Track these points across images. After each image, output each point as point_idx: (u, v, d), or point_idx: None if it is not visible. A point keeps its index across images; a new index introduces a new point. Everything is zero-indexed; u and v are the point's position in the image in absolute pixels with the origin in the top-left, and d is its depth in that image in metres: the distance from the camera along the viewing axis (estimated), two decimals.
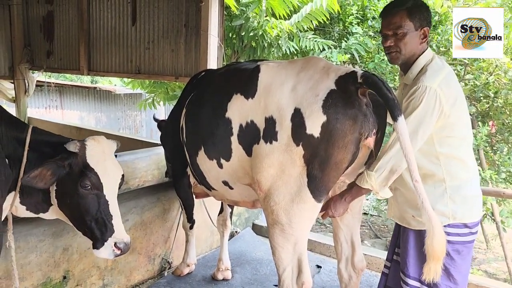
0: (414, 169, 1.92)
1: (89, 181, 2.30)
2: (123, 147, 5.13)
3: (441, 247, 1.93)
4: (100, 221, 2.35)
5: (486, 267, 7.05)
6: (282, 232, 2.26)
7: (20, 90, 7.17)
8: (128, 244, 2.41)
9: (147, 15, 5.25)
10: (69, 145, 2.31)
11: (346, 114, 2.07)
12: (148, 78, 5.86)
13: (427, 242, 1.94)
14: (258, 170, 2.26)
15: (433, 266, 1.95)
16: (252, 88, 2.32)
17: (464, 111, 2.25)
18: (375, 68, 7.16)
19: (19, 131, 2.38)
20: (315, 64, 2.25)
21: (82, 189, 2.30)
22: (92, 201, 2.34)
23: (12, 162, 2.33)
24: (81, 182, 2.30)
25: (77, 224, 2.44)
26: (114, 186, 2.43)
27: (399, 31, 2.18)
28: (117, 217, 2.40)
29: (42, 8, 6.66)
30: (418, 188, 1.92)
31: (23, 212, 2.51)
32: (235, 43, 6.97)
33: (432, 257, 1.94)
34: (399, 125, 1.92)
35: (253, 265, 3.96)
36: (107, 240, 2.35)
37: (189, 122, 2.85)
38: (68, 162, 2.30)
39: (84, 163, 2.33)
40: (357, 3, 8.05)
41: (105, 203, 2.37)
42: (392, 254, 2.55)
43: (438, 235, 1.91)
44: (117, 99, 13.45)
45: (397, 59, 2.26)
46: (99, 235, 2.36)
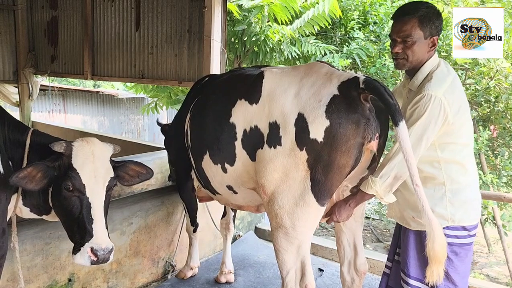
0: (415, 174, 1.95)
1: (70, 182, 2.22)
2: (127, 151, 5.19)
3: (442, 250, 1.96)
4: (81, 224, 2.22)
5: (488, 271, 7.05)
6: (285, 235, 2.29)
7: (24, 94, 7.22)
8: (108, 251, 2.21)
9: (151, 20, 5.31)
10: (54, 145, 2.25)
11: (349, 119, 2.11)
12: (151, 83, 5.90)
13: (428, 245, 1.97)
14: (262, 175, 2.29)
15: (435, 269, 1.97)
16: (256, 94, 2.36)
17: (467, 117, 2.27)
18: (376, 73, 7.18)
19: (20, 133, 2.41)
20: (318, 70, 2.29)
21: (65, 190, 2.23)
22: (74, 203, 2.24)
23: (15, 164, 2.36)
24: (63, 183, 2.23)
25: (64, 227, 2.37)
26: (100, 189, 2.30)
27: (408, 39, 2.18)
28: (99, 222, 2.24)
29: (46, 13, 6.72)
30: (419, 192, 1.95)
31: (27, 213, 2.53)
32: (237, 47, 7.02)
33: (433, 260, 1.96)
34: (400, 130, 1.95)
35: (256, 268, 3.99)
36: (83, 245, 2.19)
37: (194, 127, 2.89)
38: (57, 163, 2.26)
39: (69, 163, 2.25)
40: (359, 8, 8.09)
41: (87, 206, 2.24)
42: (393, 255, 2.58)
43: (438, 238, 1.94)
44: (120, 103, 13.51)
45: (403, 65, 2.28)
46: (78, 239, 2.23)
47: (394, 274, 2.55)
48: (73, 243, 2.27)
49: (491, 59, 5.80)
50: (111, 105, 13.38)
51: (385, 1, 8.19)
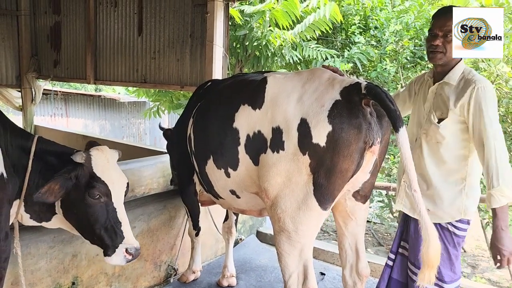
0: (413, 179, 1.99)
1: (97, 191, 2.35)
2: (129, 155, 5.20)
3: (436, 255, 2.00)
4: (110, 228, 2.40)
5: (489, 275, 7.04)
6: (288, 239, 2.31)
7: (27, 98, 7.25)
8: (139, 249, 2.46)
9: (153, 25, 5.35)
10: (76, 156, 2.35)
11: (351, 124, 2.13)
12: (154, 87, 5.94)
13: (422, 250, 2.01)
14: (266, 179, 2.31)
15: (428, 273, 2.02)
16: (260, 99, 2.38)
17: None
18: (377, 77, 7.20)
19: (24, 139, 2.43)
20: (320, 76, 2.32)
21: (91, 198, 2.35)
22: (101, 210, 2.39)
23: (17, 170, 2.38)
24: (89, 192, 2.34)
25: (85, 233, 2.49)
26: (121, 193, 2.48)
27: (450, 34, 2.33)
28: (126, 224, 2.45)
29: (49, 19, 6.77)
30: (417, 197, 1.99)
31: (27, 220, 2.56)
32: (239, 52, 7.06)
33: (427, 264, 2.00)
34: (400, 136, 1.99)
35: (258, 272, 4.00)
36: (118, 247, 2.40)
37: (198, 131, 2.91)
38: (74, 173, 2.35)
39: (91, 173, 2.38)
40: (360, 13, 8.12)
41: (113, 211, 2.42)
42: (397, 247, 2.64)
43: (433, 243, 1.98)
44: (121, 107, 13.56)
45: (440, 59, 2.40)
46: (110, 242, 2.40)
47: (398, 266, 2.63)
48: (102, 247, 2.44)
49: (491, 64, 5.82)
50: (112, 109, 13.43)
51: (386, 6, 8.23)
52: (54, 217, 2.55)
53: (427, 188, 2.45)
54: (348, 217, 2.54)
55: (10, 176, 2.31)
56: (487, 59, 5.81)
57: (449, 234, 2.45)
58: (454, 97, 2.34)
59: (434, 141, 2.42)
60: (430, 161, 2.44)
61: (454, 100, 2.33)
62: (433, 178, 2.43)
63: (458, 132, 2.36)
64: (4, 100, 7.38)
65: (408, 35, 7.31)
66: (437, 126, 2.37)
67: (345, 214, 2.53)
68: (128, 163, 4.17)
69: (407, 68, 7.50)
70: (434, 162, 2.44)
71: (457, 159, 2.39)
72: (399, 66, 7.29)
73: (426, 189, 2.44)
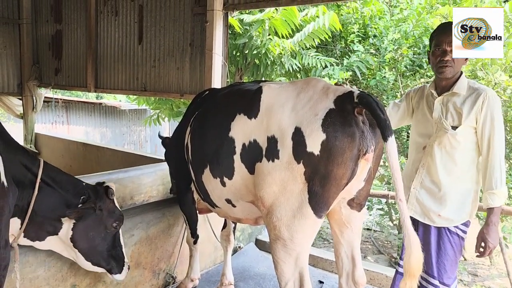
0: (400, 189, 2.02)
1: (120, 221, 2.83)
2: (129, 163, 5.21)
3: (418, 264, 2.02)
4: (119, 251, 2.88)
5: (489, 283, 7.02)
6: (284, 247, 2.32)
7: (28, 106, 7.31)
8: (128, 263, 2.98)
9: (154, 34, 5.40)
10: (111, 194, 2.82)
11: (345, 132, 2.14)
12: (154, 95, 5.98)
13: (404, 259, 2.05)
14: (261, 187, 2.33)
15: (409, 282, 2.04)
16: (255, 109, 2.41)
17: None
18: (376, 85, 7.24)
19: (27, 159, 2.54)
20: (315, 85, 2.34)
21: (113, 228, 2.80)
22: (114, 236, 2.84)
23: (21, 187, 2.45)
24: (113, 222, 2.79)
25: (93, 257, 2.78)
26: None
27: None
28: (123, 245, 2.95)
29: (51, 27, 6.84)
30: (402, 207, 2.03)
31: (21, 239, 2.61)
32: (239, 60, 7.10)
33: (408, 273, 2.03)
34: (389, 146, 2.02)
35: (256, 280, 4.00)
36: (124, 265, 2.89)
37: (194, 140, 2.93)
38: (99, 204, 2.73)
39: (114, 206, 2.84)
40: (359, 21, 8.17)
41: (119, 237, 2.89)
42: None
43: (415, 253, 2.01)
44: (122, 114, 13.62)
45: (450, 73, 2.58)
46: (114, 262, 2.86)
47: None
48: (107, 267, 2.85)
49: (489, 72, 5.85)
50: (113, 116, 13.49)
51: (385, 15, 8.28)
52: (49, 238, 2.67)
53: (439, 191, 2.64)
54: (343, 225, 2.55)
55: (10, 185, 2.34)
56: (485, 68, 5.84)
57: (457, 239, 2.62)
58: (468, 106, 2.53)
59: (449, 147, 2.60)
60: (442, 166, 2.63)
61: (469, 108, 2.53)
62: (444, 181, 2.62)
63: (471, 136, 2.56)
64: (5, 108, 7.44)
65: (407, 44, 7.35)
66: (455, 133, 2.56)
67: (340, 222, 2.54)
68: (127, 170, 4.20)
69: (406, 76, 7.54)
70: (447, 166, 2.62)
71: (469, 162, 2.60)
72: (398, 74, 7.33)
73: (438, 191, 2.64)
